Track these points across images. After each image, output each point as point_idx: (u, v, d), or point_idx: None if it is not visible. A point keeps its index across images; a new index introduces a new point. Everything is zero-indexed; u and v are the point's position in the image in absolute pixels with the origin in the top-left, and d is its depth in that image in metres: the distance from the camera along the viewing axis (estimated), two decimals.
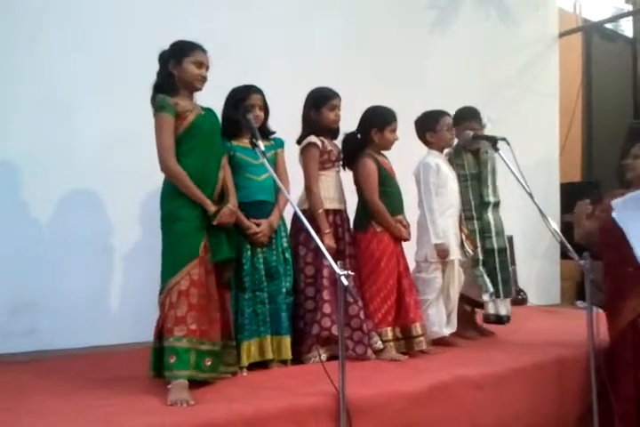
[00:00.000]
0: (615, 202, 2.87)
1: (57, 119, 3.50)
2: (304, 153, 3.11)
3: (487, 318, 3.66)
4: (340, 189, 3.22)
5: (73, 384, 2.52)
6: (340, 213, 3.18)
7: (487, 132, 3.65)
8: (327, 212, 3.10)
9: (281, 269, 2.92)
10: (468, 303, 3.67)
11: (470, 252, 3.47)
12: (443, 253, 3.29)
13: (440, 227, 3.29)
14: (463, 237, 3.46)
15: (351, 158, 3.27)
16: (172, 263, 2.50)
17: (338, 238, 3.12)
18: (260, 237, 2.85)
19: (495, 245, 3.60)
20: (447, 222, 3.36)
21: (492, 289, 3.53)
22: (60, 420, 2.02)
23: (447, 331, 3.37)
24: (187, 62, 2.61)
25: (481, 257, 3.56)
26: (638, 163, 3.16)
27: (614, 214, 2.84)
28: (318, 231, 2.92)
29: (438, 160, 3.44)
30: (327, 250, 2.35)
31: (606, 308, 3.08)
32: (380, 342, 3.05)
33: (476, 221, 3.59)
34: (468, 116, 3.69)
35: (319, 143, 3.09)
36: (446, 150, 3.64)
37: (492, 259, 3.59)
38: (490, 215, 3.63)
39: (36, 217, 3.46)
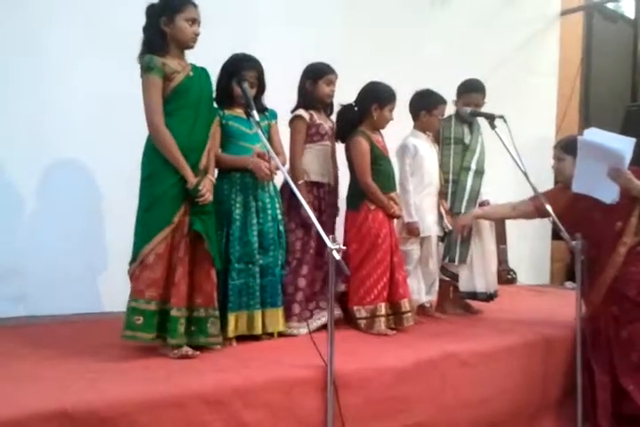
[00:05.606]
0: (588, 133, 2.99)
1: (46, 85, 3.42)
2: (291, 125, 3.13)
3: (464, 296, 3.68)
4: (329, 163, 3.22)
5: (60, 350, 2.52)
6: (323, 187, 3.18)
7: (483, 109, 3.61)
8: (309, 184, 3.11)
9: (275, 240, 2.90)
10: (445, 275, 3.65)
11: (449, 226, 3.50)
12: (414, 231, 3.34)
13: (413, 206, 3.34)
14: (443, 211, 3.51)
15: (346, 132, 3.24)
16: (145, 230, 2.46)
17: (320, 211, 3.13)
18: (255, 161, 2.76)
19: (463, 210, 3.57)
20: (425, 201, 3.41)
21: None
22: (45, 385, 2.02)
23: (426, 298, 3.43)
24: (179, 19, 2.49)
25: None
26: (563, 165, 3.26)
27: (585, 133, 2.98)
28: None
29: (418, 141, 3.45)
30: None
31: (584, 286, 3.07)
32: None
33: (451, 184, 3.58)
34: (477, 88, 3.65)
35: (306, 116, 3.10)
36: None
37: None
38: (468, 181, 3.60)
39: (22, 183, 3.41)
